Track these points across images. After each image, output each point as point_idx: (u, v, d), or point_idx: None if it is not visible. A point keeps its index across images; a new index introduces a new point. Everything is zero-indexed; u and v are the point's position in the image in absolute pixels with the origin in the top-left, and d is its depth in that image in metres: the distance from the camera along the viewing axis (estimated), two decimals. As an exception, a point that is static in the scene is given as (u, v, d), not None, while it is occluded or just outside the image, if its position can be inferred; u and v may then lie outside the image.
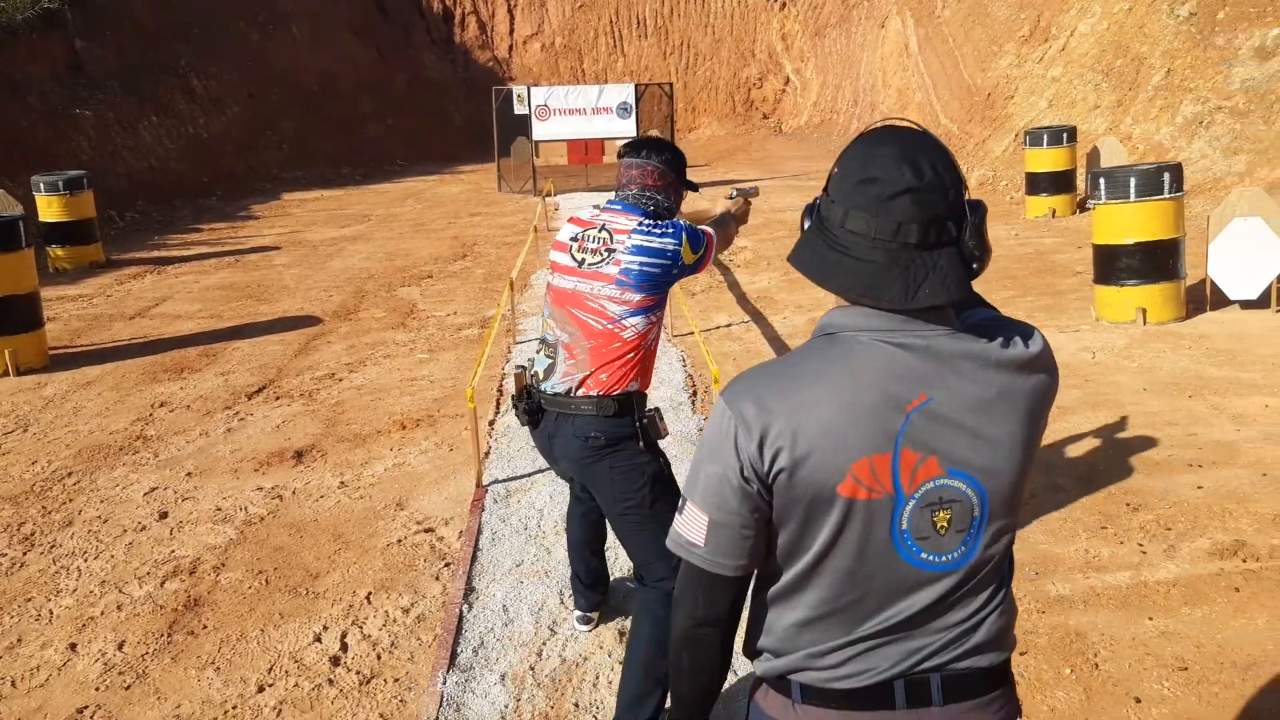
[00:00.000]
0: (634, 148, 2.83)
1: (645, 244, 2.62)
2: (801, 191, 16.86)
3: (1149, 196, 6.59)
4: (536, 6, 32.32)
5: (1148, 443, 4.58)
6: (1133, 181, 6.57)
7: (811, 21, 31.34)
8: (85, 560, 4.05)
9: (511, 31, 32.12)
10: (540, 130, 17.56)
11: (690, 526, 1.32)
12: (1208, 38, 13.87)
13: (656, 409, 2.74)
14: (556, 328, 2.71)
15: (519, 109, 17.59)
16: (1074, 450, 4.66)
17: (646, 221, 2.68)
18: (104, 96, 17.46)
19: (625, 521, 2.68)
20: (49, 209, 11.11)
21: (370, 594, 3.61)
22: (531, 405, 2.73)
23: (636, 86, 17.86)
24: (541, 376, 2.73)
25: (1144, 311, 6.67)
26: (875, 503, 1.24)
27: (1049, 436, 4.78)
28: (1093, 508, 3.95)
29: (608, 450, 2.62)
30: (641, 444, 2.65)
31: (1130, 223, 6.66)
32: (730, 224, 3.14)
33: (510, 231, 13.19)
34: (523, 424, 2.79)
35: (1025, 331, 1.32)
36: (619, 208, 2.75)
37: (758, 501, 1.27)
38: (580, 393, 2.62)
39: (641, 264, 2.60)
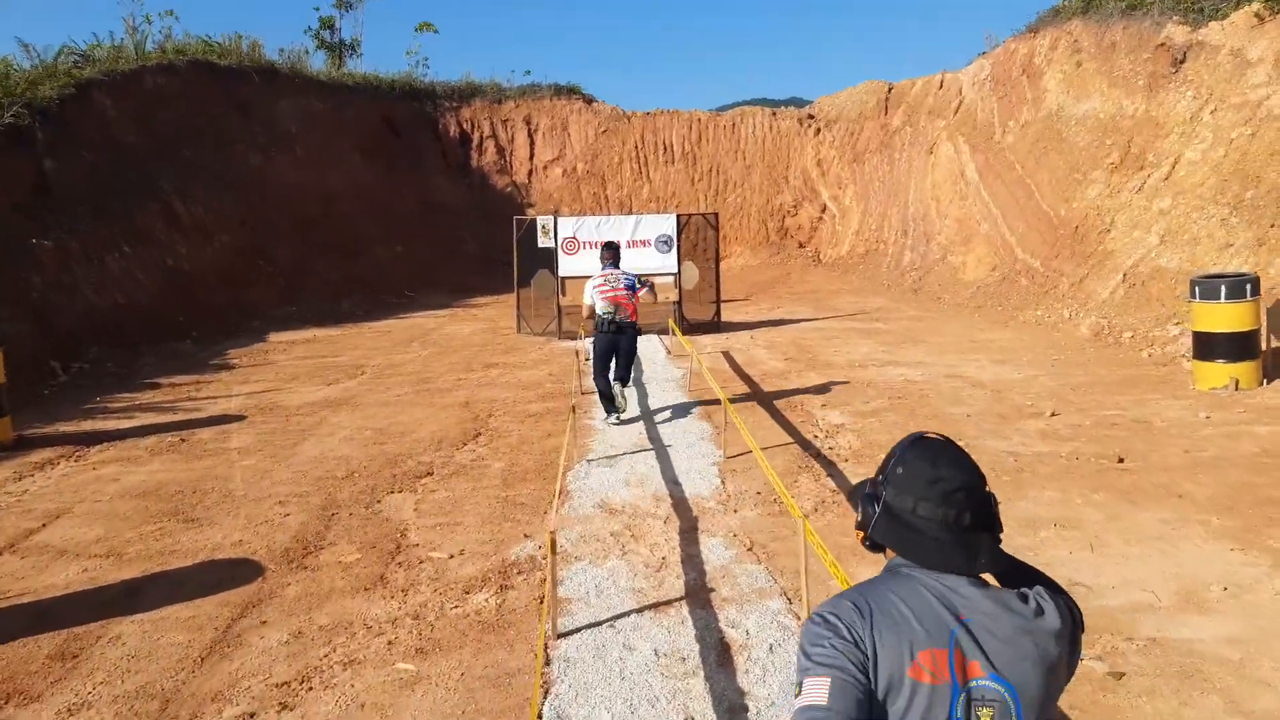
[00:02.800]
0: (606, 246, 9.26)
1: (627, 277, 8.92)
2: (870, 335, 14.36)
3: None
4: (558, 131, 30.79)
5: None
6: None
7: (849, 147, 29.62)
8: None
9: (531, 156, 30.49)
10: (568, 265, 15.22)
11: (811, 696, 1.59)
12: (1375, 166, 11.54)
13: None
14: (613, 304, 8.69)
15: (543, 241, 15.29)
16: None
17: (623, 270, 9.02)
18: (70, 223, 15.26)
19: (630, 354, 8.83)
20: (-56, 372, 8.60)
21: None
22: (617, 325, 8.68)
23: (679, 218, 15.57)
24: (617, 315, 8.68)
25: None
26: (937, 689, 1.61)
27: None
28: None
29: (636, 335, 8.89)
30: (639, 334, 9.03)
31: None
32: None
33: (534, 393, 10.62)
34: (607, 332, 8.69)
35: (1042, 598, 1.73)
36: (612, 268, 8.91)
37: (867, 667, 1.61)
38: (630, 319, 8.79)
39: (628, 284, 8.85)
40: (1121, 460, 7.05)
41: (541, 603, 4.78)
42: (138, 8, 20.58)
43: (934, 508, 1.73)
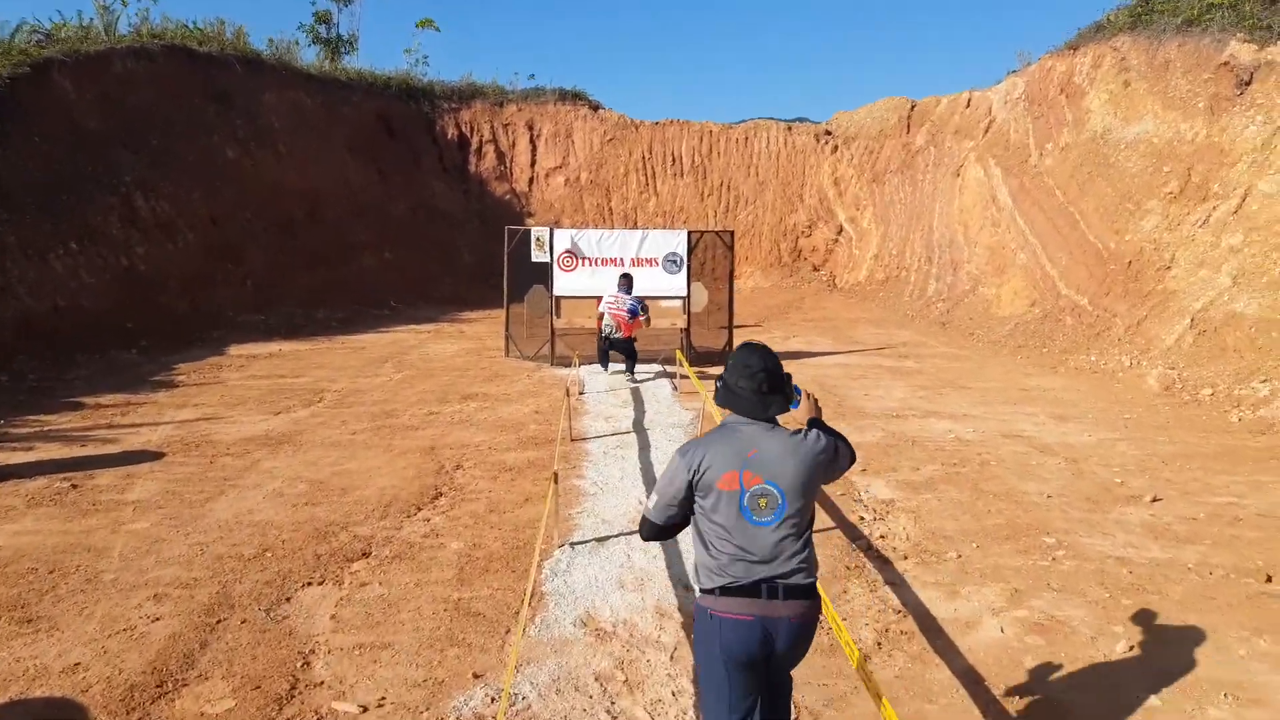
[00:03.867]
0: (623, 276, 12.62)
1: (631, 302, 12.28)
2: (901, 375, 12.70)
3: None
4: (562, 138, 29.19)
5: None
6: None
7: (867, 167, 28.03)
8: None
9: (533, 164, 28.88)
10: (564, 283, 13.57)
11: (650, 503, 3.12)
12: None
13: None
14: (614, 320, 12.22)
15: (537, 255, 13.64)
16: None
17: (630, 296, 12.35)
18: (10, 215, 13.61)
19: (626, 350, 12.32)
20: None
21: None
22: (611, 341, 12.34)
23: (690, 235, 13.92)
24: (614, 332, 12.26)
25: None
26: (732, 493, 2.98)
27: None
28: None
29: (629, 342, 12.33)
30: (635, 343, 12.57)
31: None
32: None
33: (514, 437, 8.94)
34: (603, 349, 12.53)
35: (810, 433, 3.13)
36: (622, 293, 12.34)
37: (684, 493, 3.04)
38: (624, 336, 12.26)
39: (631, 307, 12.24)
40: (1270, 579, 5.37)
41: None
42: (111, -14, 18.83)
43: (747, 382, 3.09)
